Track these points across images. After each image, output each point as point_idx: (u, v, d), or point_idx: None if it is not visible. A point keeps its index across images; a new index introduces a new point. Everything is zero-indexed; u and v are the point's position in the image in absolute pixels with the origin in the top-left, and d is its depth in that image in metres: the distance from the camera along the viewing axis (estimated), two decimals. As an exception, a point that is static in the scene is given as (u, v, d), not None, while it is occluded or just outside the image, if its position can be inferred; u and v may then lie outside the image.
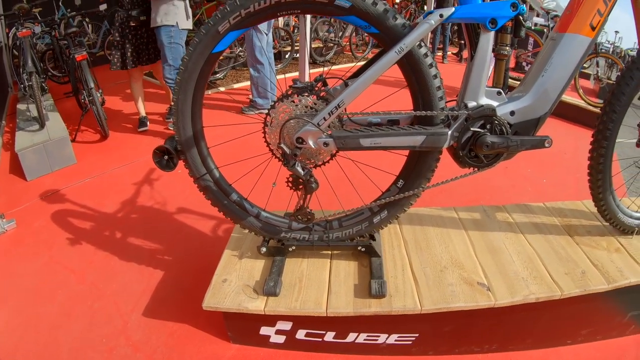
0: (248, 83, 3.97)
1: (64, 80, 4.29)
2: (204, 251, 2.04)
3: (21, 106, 3.20)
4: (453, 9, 1.17)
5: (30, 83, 2.71)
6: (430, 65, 1.20)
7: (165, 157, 1.37)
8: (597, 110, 3.67)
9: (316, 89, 1.25)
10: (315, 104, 1.22)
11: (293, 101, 1.22)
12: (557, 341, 1.57)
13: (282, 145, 1.19)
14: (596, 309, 1.50)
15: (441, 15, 1.15)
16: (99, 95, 2.92)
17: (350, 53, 6.42)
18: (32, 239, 2.18)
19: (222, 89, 4.42)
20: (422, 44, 1.18)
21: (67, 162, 2.78)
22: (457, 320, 1.41)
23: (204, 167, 1.38)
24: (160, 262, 1.97)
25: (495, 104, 1.29)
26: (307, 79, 3.15)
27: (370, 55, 6.47)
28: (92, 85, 2.88)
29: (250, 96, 3.88)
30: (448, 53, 6.54)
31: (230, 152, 1.67)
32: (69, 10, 4.65)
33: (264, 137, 1.27)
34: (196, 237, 2.15)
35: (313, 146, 1.20)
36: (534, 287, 1.37)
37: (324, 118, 1.17)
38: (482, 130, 1.28)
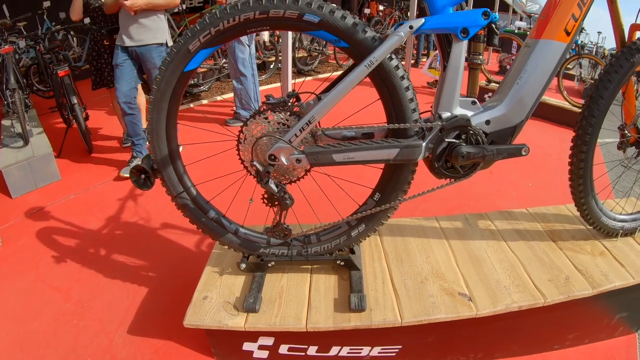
0: (232, 95, 3.97)
1: (49, 95, 4.27)
2: (187, 267, 2.03)
3: (5, 122, 3.19)
4: (423, 20, 1.17)
5: (13, 100, 2.70)
6: (402, 78, 1.20)
7: (142, 177, 1.37)
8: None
9: (289, 104, 1.25)
10: (287, 120, 1.22)
11: (266, 117, 1.22)
12: (543, 346, 1.57)
13: (254, 162, 1.19)
14: (582, 313, 1.51)
15: (411, 27, 1.16)
16: (82, 110, 2.91)
17: (334, 62, 6.45)
18: (17, 257, 2.16)
19: (205, 101, 4.42)
20: (393, 56, 1.18)
21: (52, 179, 2.77)
22: (440, 330, 1.41)
23: (181, 185, 1.37)
24: (144, 278, 1.96)
25: (470, 113, 1.30)
26: (289, 89, 3.16)
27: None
28: (74, 101, 2.87)
29: (235, 108, 3.88)
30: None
31: (207, 168, 1.67)
32: (53, 23, 4.65)
33: (238, 154, 1.27)
34: (180, 253, 2.14)
35: (286, 163, 1.20)
36: (517, 296, 1.37)
37: (295, 134, 1.17)
38: (457, 141, 1.28)
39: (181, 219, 2.28)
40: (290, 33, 3.09)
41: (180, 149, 1.44)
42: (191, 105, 4.37)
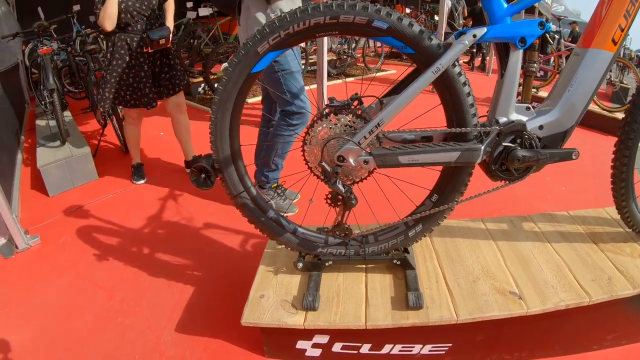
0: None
1: (80, 96, 4.35)
2: (232, 266, 2.07)
3: (40, 122, 3.26)
4: (485, 29, 1.22)
5: (52, 100, 2.76)
6: (464, 84, 1.25)
7: (203, 176, 1.42)
8: (612, 115, 3.72)
9: (352, 107, 1.29)
10: (353, 122, 1.27)
11: (332, 120, 1.27)
12: (583, 346, 1.60)
13: (323, 163, 1.24)
14: (621, 313, 1.54)
15: (474, 36, 1.21)
16: (119, 111, 2.97)
17: (363, 65, 6.49)
18: (57, 255, 2.21)
19: (249, 100, 4.42)
20: (456, 63, 1.23)
21: (89, 178, 2.83)
22: (489, 329, 1.44)
23: (242, 185, 1.42)
24: (190, 277, 2.00)
25: (525, 119, 1.34)
26: (325, 92, 3.20)
27: (384, 67, 6.56)
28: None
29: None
30: (460, 62, 6.61)
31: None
32: (83, 26, 4.74)
33: (303, 155, 1.32)
34: (224, 253, 2.18)
35: (353, 164, 1.24)
36: (564, 295, 1.40)
37: (364, 137, 1.22)
38: (513, 145, 1.32)
39: (223, 219, 2.38)
40: (326, 37, 3.14)
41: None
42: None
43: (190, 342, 1.66)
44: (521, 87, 1.43)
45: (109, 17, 2.37)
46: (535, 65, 1.43)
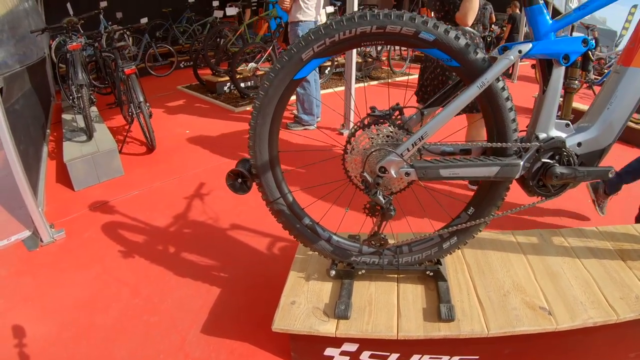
0: (292, 98, 4.04)
1: (105, 92, 4.40)
2: (260, 269, 2.06)
3: (66, 116, 3.29)
4: (531, 45, 1.22)
5: (80, 95, 2.80)
6: (507, 99, 1.25)
7: (239, 180, 1.43)
8: (638, 126, 3.68)
9: (393, 117, 1.30)
10: (394, 133, 1.27)
11: (373, 130, 1.28)
12: (606, 363, 1.60)
13: (365, 174, 1.24)
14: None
15: (520, 52, 1.21)
16: (147, 108, 2.99)
17: (388, 68, 6.48)
18: (82, 249, 2.21)
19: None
20: (500, 78, 1.23)
21: (115, 174, 2.86)
22: (517, 343, 1.44)
23: (278, 191, 1.43)
24: (216, 279, 2.00)
25: (564, 135, 1.34)
26: (353, 94, 3.19)
27: (408, 70, 6.52)
28: (141, 98, 2.96)
29: (295, 112, 3.94)
30: None
31: (301, 175, 1.70)
32: (109, 22, 4.79)
33: (343, 164, 1.32)
34: (251, 255, 2.17)
35: (395, 175, 1.25)
36: (592, 312, 1.40)
37: (408, 149, 1.22)
38: (552, 161, 1.32)
39: (250, 221, 2.39)
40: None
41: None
42: (247, 107, 4.44)
43: (216, 344, 1.65)
44: (562, 104, 1.42)
45: (474, 11, 2.40)
46: (577, 82, 1.42)
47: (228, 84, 4.86)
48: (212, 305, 1.85)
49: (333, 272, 1.51)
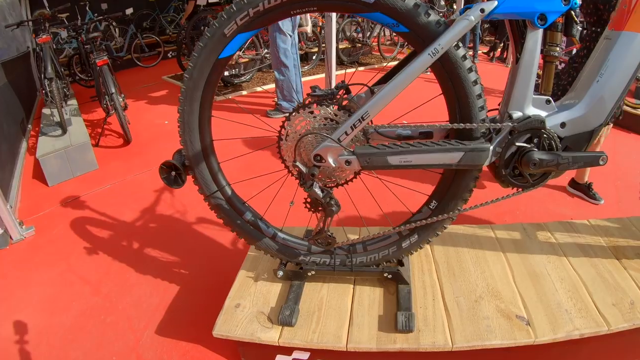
0: (274, 85, 3.82)
1: (90, 84, 4.25)
2: (222, 266, 1.89)
3: (46, 111, 3.15)
4: (496, 2, 0.96)
5: (51, 89, 2.63)
6: (470, 70, 1.00)
7: (173, 173, 1.23)
8: (635, 111, 3.33)
9: (338, 97, 1.07)
10: (336, 115, 1.04)
11: (312, 112, 1.05)
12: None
13: (297, 163, 1.02)
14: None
15: (482, 10, 0.95)
16: (121, 99, 2.81)
17: (378, 53, 6.15)
18: (49, 247, 2.09)
19: (245, 92, 4.27)
20: (460, 44, 0.98)
21: (89, 168, 2.70)
22: (493, 356, 1.21)
23: (215, 184, 1.22)
24: (176, 275, 1.84)
25: (544, 114, 1.08)
26: (334, 81, 2.95)
27: (401, 56, 6.17)
28: (112, 90, 2.79)
29: (276, 99, 3.72)
30: (479, 52, 6.15)
31: (244, 165, 1.51)
32: (96, 14, 4.62)
33: (279, 151, 1.10)
34: (215, 250, 2.00)
35: (333, 165, 1.02)
36: (579, 322, 1.17)
37: (346, 132, 0.99)
38: (529, 146, 1.07)
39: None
40: (334, 21, 2.87)
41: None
42: (230, 96, 4.24)
43: (169, 346, 1.51)
44: (540, 75, 1.16)
45: None
46: (559, 49, 1.16)
47: None
48: (169, 304, 1.71)
49: (281, 273, 1.30)
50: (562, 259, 1.41)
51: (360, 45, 5.83)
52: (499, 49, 6.05)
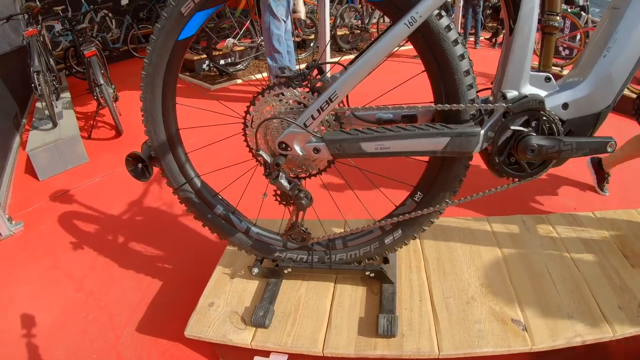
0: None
1: (86, 77, 4.15)
2: (208, 258, 1.77)
3: (39, 104, 3.06)
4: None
5: (38, 82, 2.54)
6: (455, 42, 0.86)
7: (140, 166, 1.12)
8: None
9: (309, 78, 0.93)
10: (305, 97, 0.91)
11: (279, 94, 0.92)
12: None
13: (261, 152, 0.89)
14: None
15: None
16: (111, 91, 2.71)
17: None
18: (37, 242, 2.02)
19: (239, 80, 4.12)
20: (443, 13, 0.84)
21: (80, 161, 2.61)
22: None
23: (183, 175, 1.11)
24: (160, 270, 1.75)
25: (543, 93, 0.94)
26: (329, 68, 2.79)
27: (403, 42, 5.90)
28: (101, 81, 2.68)
29: None
30: (481, 38, 5.90)
31: (214, 155, 1.39)
32: (91, 6, 4.50)
33: (245, 140, 0.98)
34: (200, 243, 1.90)
35: (300, 153, 0.89)
36: (581, 327, 1.04)
37: (312, 116, 0.86)
38: (526, 129, 0.93)
39: None
40: (327, 4, 2.70)
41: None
42: (225, 84, 4.11)
43: (148, 344, 1.42)
44: (538, 50, 1.01)
45: None
46: (559, 18, 1.00)
47: (207, 61, 4.48)
48: (151, 300, 1.61)
49: (256, 271, 1.19)
50: (564, 256, 1.27)
51: (359, 31, 5.61)
52: (501, 36, 5.79)
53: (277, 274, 1.19)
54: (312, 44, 5.09)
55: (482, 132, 0.91)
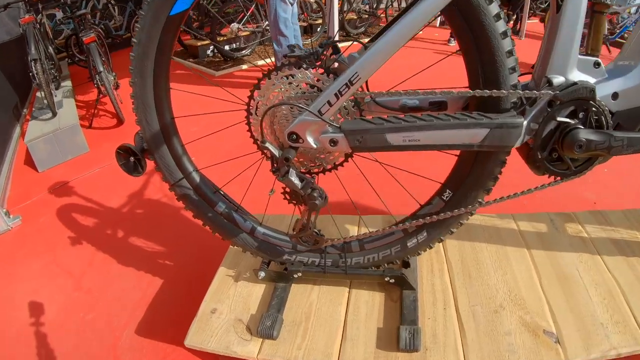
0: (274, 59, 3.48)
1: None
2: (209, 256, 1.63)
3: (39, 94, 2.90)
4: None
5: (36, 71, 2.37)
6: (497, 17, 0.70)
7: (132, 159, 0.97)
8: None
9: (323, 57, 0.78)
10: (319, 79, 0.75)
11: (289, 75, 0.76)
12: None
13: (267, 144, 0.74)
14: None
15: None
16: (111, 78, 2.54)
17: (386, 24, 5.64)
18: (35, 237, 1.88)
19: (244, 66, 3.92)
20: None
21: (80, 151, 2.45)
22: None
23: (180, 170, 0.96)
24: (161, 267, 1.60)
25: (591, 80, 0.78)
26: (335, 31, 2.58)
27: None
28: (101, 68, 2.51)
29: None
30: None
31: (215, 147, 1.23)
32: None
33: (249, 129, 0.83)
34: (203, 238, 1.74)
35: (314, 145, 0.74)
36: (616, 338, 0.91)
37: (329, 102, 0.70)
38: (573, 122, 0.77)
39: None
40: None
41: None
42: (230, 70, 3.89)
43: (148, 348, 1.29)
44: (587, 32, 0.85)
45: None
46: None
47: (211, 47, 4.26)
48: (151, 300, 1.47)
49: (262, 274, 1.04)
50: (595, 258, 1.12)
51: (367, 16, 5.35)
52: (512, 22, 5.52)
53: (286, 278, 1.05)
54: (319, 29, 4.85)
55: (525, 122, 0.76)
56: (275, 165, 0.75)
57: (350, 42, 0.80)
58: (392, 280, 0.98)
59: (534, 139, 0.79)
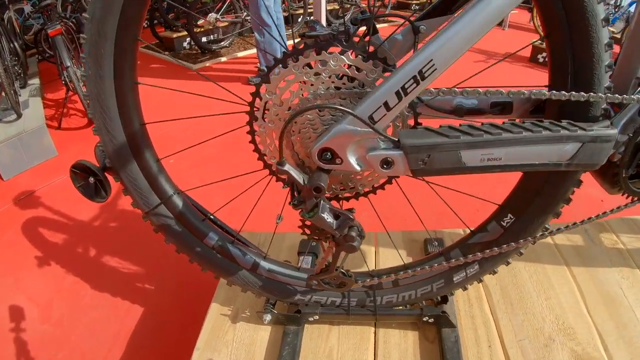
0: (255, 50, 3.11)
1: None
2: (198, 277, 1.31)
3: (3, 94, 2.45)
4: None
5: (-4, 69, 1.95)
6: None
7: (92, 179, 0.66)
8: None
9: (357, 39, 0.50)
10: (360, 70, 0.48)
11: (309, 65, 0.48)
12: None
13: (288, 167, 0.46)
14: None
15: None
16: (80, 74, 2.14)
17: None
18: None
19: (224, 58, 3.53)
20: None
21: (47, 155, 2.04)
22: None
23: (155, 193, 0.66)
24: (139, 292, 1.30)
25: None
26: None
27: (390, 18, 5.14)
28: (68, 63, 2.11)
29: (258, 64, 3.03)
30: None
31: (203, 162, 0.93)
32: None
33: (253, 139, 0.54)
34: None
35: (357, 167, 0.47)
36: None
37: (386, 104, 0.43)
38: None
39: None
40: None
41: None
42: (207, 63, 3.49)
43: None
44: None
45: None
46: None
47: (188, 39, 3.78)
48: (131, 333, 1.18)
49: (268, 318, 0.77)
50: (635, 273, 0.93)
51: (349, 6, 5.00)
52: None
53: (298, 321, 0.78)
54: (299, 19, 4.46)
55: (616, 134, 0.52)
56: (297, 196, 0.47)
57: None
58: (430, 320, 0.74)
59: (621, 154, 0.56)
